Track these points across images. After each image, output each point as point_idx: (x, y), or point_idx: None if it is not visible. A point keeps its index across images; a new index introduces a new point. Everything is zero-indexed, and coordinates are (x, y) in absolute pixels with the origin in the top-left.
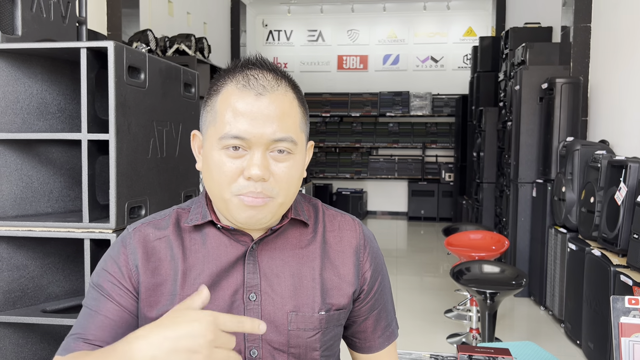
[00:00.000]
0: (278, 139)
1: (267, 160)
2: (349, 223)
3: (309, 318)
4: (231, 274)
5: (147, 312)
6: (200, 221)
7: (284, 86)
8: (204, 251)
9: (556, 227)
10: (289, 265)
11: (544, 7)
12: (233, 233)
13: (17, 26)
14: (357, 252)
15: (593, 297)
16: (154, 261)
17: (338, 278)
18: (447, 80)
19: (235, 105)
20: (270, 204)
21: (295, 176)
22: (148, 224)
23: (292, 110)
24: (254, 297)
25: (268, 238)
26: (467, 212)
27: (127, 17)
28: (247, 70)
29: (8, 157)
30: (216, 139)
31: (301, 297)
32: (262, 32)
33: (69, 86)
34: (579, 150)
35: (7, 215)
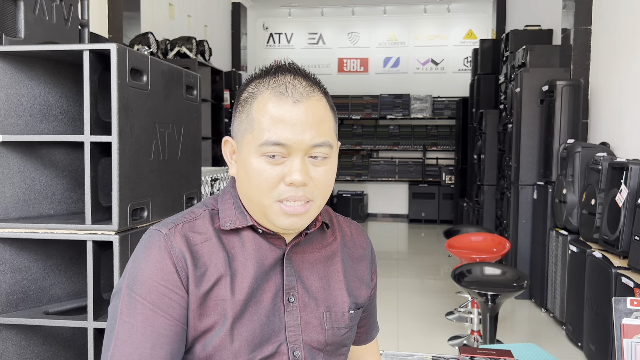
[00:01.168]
0: (317, 144)
1: (307, 166)
2: (358, 229)
3: (341, 317)
4: (270, 277)
5: (197, 323)
6: (237, 225)
7: (318, 93)
8: (245, 254)
9: (557, 229)
10: (316, 267)
11: (544, 9)
12: (269, 237)
13: (19, 28)
14: (368, 255)
15: (594, 299)
16: (201, 266)
17: (358, 280)
18: (447, 82)
19: (273, 113)
20: (310, 208)
21: (332, 179)
22: (183, 225)
23: (326, 116)
24: (292, 299)
25: (295, 241)
26: (467, 215)
27: (128, 20)
28: (281, 77)
29: (11, 159)
30: (255, 146)
31: (331, 298)
32: (262, 34)
33: (72, 88)
34: (580, 152)
35: (10, 217)
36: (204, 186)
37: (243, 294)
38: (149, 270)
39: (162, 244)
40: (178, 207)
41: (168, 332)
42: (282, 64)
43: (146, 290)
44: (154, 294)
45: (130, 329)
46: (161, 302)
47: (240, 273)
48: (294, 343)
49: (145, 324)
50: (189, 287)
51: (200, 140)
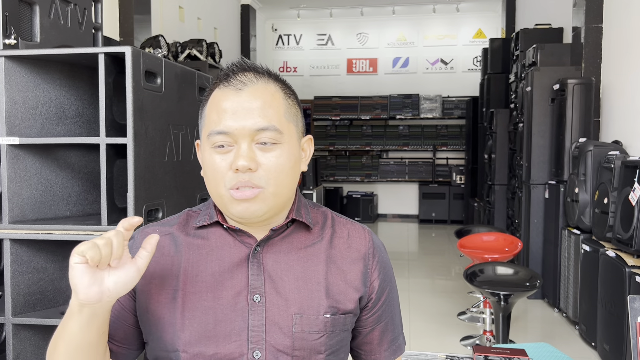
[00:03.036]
0: (260, 128)
1: (253, 152)
2: (359, 231)
3: (313, 320)
4: (235, 275)
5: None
6: (207, 222)
7: (264, 80)
8: (207, 249)
9: (569, 229)
10: (293, 268)
11: (555, 8)
12: (238, 234)
13: (35, 32)
14: (366, 259)
15: (608, 299)
16: (158, 255)
17: (345, 283)
18: (457, 82)
19: (219, 105)
20: (261, 195)
21: (285, 165)
22: (155, 224)
23: (274, 102)
24: (258, 299)
25: (272, 241)
26: (478, 215)
27: (139, 23)
28: (230, 73)
29: (28, 162)
30: (206, 138)
31: (306, 300)
32: (271, 36)
33: (87, 91)
34: (592, 151)
35: (27, 219)
36: None
37: (196, 287)
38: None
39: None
40: None
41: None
42: (232, 63)
43: None
44: None
45: None
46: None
47: (198, 266)
48: (255, 343)
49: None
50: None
51: None
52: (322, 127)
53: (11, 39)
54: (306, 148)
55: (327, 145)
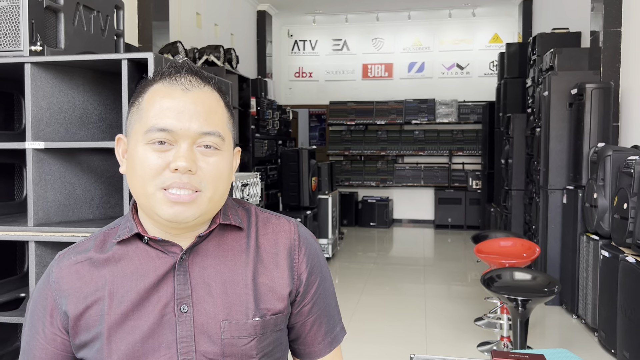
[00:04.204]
0: (205, 132)
1: (194, 154)
2: (284, 225)
3: (242, 325)
4: (161, 288)
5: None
6: (127, 235)
7: (210, 87)
8: (131, 268)
9: (588, 234)
10: (220, 273)
11: (572, 12)
12: (162, 244)
13: (60, 39)
14: (291, 253)
15: (628, 305)
16: (79, 285)
17: (272, 282)
18: (473, 87)
19: (162, 101)
20: (198, 199)
21: (224, 172)
22: (72, 247)
23: (218, 109)
24: (185, 309)
25: (199, 246)
26: (495, 220)
27: (157, 29)
28: (175, 72)
29: (52, 165)
30: (141, 134)
31: (234, 305)
32: (287, 42)
33: (109, 96)
34: (611, 156)
35: (51, 222)
36: (235, 191)
37: (122, 308)
38: (35, 295)
39: (47, 271)
40: None
41: (40, 354)
42: (176, 63)
43: (31, 313)
44: (34, 317)
45: (22, 347)
46: (37, 324)
47: (122, 287)
48: (185, 355)
49: (26, 345)
50: (66, 308)
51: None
52: (338, 132)
53: (37, 45)
54: (235, 160)
55: (342, 150)
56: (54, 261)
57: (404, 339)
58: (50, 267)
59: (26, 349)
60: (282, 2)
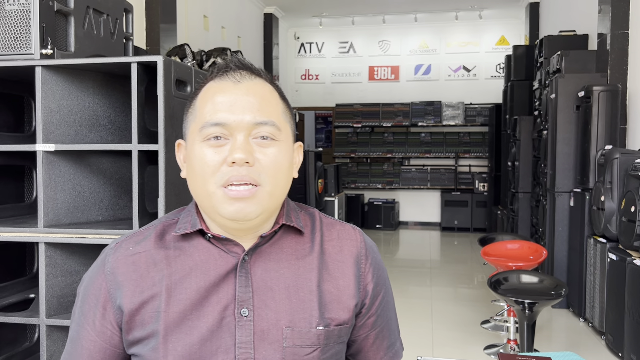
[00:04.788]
0: (259, 122)
1: (251, 146)
2: (349, 232)
3: (305, 334)
4: (221, 288)
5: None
6: (189, 230)
7: (262, 79)
8: (190, 264)
9: (595, 237)
10: (284, 277)
11: (579, 14)
12: (224, 243)
13: (70, 43)
14: (358, 262)
15: (635, 309)
16: (136, 278)
17: (337, 290)
18: (479, 89)
19: (214, 96)
20: (258, 193)
21: (283, 164)
22: (129, 237)
23: (272, 99)
24: (246, 313)
25: (261, 248)
26: (502, 223)
27: (164, 32)
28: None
29: (62, 167)
30: (197, 132)
31: (297, 312)
32: (294, 44)
33: (119, 99)
34: (619, 158)
35: (61, 223)
36: None
37: (180, 306)
38: (87, 283)
39: (102, 258)
40: None
41: (89, 345)
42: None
43: (82, 301)
44: (85, 306)
45: (70, 335)
46: (88, 315)
47: (181, 284)
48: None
49: (75, 333)
50: (121, 301)
51: None
52: (344, 135)
53: (48, 49)
54: (296, 155)
55: (348, 152)
56: (109, 249)
57: (410, 341)
58: (105, 255)
59: (74, 337)
60: (289, 5)
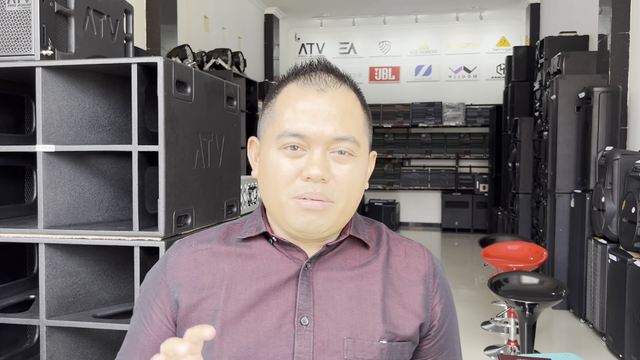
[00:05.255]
0: (339, 137)
1: (328, 161)
2: (417, 249)
3: (368, 347)
4: (282, 294)
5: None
6: (254, 233)
7: (346, 86)
8: (252, 266)
9: (596, 238)
10: (346, 287)
11: (580, 15)
12: (287, 248)
13: (70, 43)
14: (426, 281)
15: (636, 310)
16: (196, 275)
17: (403, 307)
18: (480, 90)
19: (296, 103)
20: (330, 209)
21: (357, 181)
22: (193, 236)
23: (354, 111)
24: (306, 322)
25: (324, 257)
26: (502, 224)
27: (165, 33)
28: (310, 72)
29: (62, 169)
30: (274, 138)
31: (359, 323)
32: (294, 45)
33: (119, 100)
34: (619, 159)
35: (61, 224)
36: (242, 194)
37: (238, 306)
38: (149, 278)
39: (165, 254)
40: (219, 214)
41: (143, 340)
42: (312, 61)
43: (142, 296)
44: (144, 300)
45: (129, 331)
46: (146, 309)
47: (241, 284)
48: None
49: (132, 328)
50: (179, 296)
51: (239, 149)
52: None
53: (48, 49)
54: (369, 165)
55: None
56: (172, 247)
57: None
58: (168, 252)
59: (131, 332)
60: (290, 6)
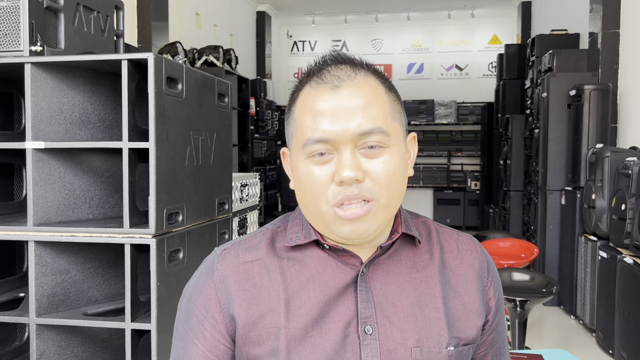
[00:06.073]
0: (365, 132)
1: (358, 160)
2: (468, 243)
3: (436, 355)
4: (341, 303)
5: (249, 350)
6: (302, 240)
7: (362, 74)
8: (307, 275)
9: (586, 235)
10: (405, 292)
11: (571, 14)
12: (340, 254)
13: (60, 40)
14: (481, 276)
15: (626, 306)
16: (249, 289)
17: (463, 307)
18: (472, 88)
19: (313, 106)
20: (372, 209)
21: (395, 172)
22: (238, 244)
23: (376, 98)
24: (370, 330)
25: (379, 259)
26: (494, 221)
27: (156, 29)
28: (323, 68)
29: (52, 166)
30: (300, 147)
31: (424, 330)
32: (286, 42)
33: (109, 97)
34: (609, 157)
35: (51, 221)
36: (234, 191)
37: (301, 321)
38: (193, 293)
39: (208, 265)
40: (210, 212)
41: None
42: (324, 55)
43: (188, 314)
44: (192, 318)
45: (174, 353)
46: (197, 328)
47: (299, 297)
48: None
49: (181, 350)
50: (234, 313)
51: (231, 146)
52: None
53: (37, 45)
54: (410, 148)
55: None
56: (215, 256)
57: None
58: (211, 263)
59: (180, 355)
60: (282, 3)
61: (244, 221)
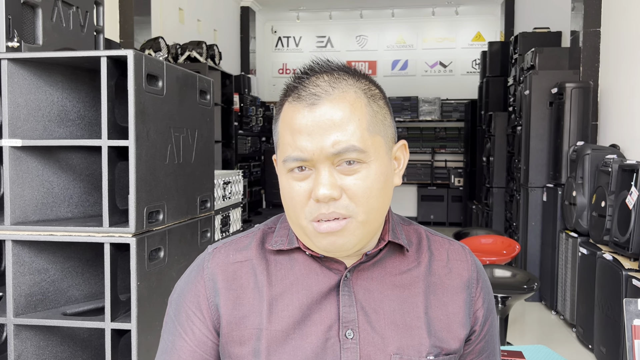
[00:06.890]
0: (339, 151)
1: (334, 178)
2: (459, 252)
3: None
4: (324, 307)
5: (231, 348)
6: (285, 246)
7: (342, 86)
8: (291, 278)
9: (567, 232)
10: (388, 299)
11: (553, 12)
12: (323, 260)
13: (38, 35)
14: (469, 286)
15: (605, 301)
16: (236, 288)
17: (447, 318)
18: (455, 85)
19: (292, 123)
20: (349, 225)
21: (373, 187)
22: (229, 243)
23: (354, 113)
24: (351, 335)
25: (363, 266)
26: (477, 217)
27: (138, 24)
28: (302, 80)
29: (30, 164)
30: (281, 162)
31: (405, 338)
32: (271, 38)
33: (88, 94)
34: (590, 154)
35: (29, 220)
36: (217, 189)
37: (282, 324)
38: (183, 289)
39: (199, 263)
40: (192, 210)
41: (186, 356)
42: (306, 64)
43: (177, 309)
44: (182, 314)
45: (162, 346)
46: (185, 323)
47: (282, 300)
48: None
49: (169, 344)
50: (220, 310)
51: (213, 144)
52: None
53: (14, 41)
54: (400, 156)
55: None
56: (206, 254)
57: None
58: (202, 261)
59: (169, 348)
60: None
61: (227, 219)
